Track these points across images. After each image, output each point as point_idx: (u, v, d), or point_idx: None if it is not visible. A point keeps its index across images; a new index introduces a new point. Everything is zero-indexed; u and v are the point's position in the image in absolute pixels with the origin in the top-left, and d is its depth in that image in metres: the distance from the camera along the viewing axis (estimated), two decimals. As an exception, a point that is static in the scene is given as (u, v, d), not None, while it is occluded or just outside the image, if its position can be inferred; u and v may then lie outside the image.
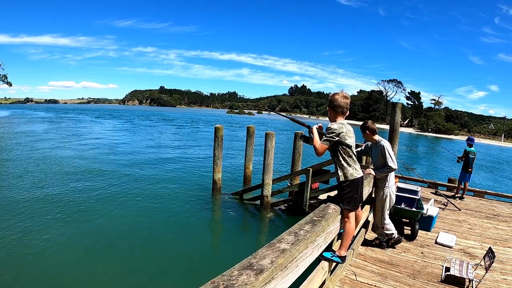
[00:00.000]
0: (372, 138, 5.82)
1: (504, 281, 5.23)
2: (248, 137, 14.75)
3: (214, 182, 14.02)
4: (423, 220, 7.26)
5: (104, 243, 9.40)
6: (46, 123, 58.49)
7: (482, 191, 11.82)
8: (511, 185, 24.64)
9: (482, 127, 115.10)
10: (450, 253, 6.25)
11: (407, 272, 5.25)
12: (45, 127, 49.30)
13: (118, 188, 14.91)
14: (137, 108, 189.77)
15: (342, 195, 3.96)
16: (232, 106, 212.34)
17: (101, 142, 32.25)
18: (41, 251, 8.67)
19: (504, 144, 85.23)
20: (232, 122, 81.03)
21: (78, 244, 9.25)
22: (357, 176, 3.99)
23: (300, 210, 11.39)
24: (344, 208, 3.94)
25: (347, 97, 3.92)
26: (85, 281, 7.48)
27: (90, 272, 7.83)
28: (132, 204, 12.71)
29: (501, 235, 7.65)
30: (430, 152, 45.33)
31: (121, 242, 9.53)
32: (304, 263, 2.90)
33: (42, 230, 9.90)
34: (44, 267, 7.98)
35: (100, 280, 7.54)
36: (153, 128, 56.46)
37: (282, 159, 24.78)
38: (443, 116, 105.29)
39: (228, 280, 1.98)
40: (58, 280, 7.48)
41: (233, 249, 9.69)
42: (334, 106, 3.89)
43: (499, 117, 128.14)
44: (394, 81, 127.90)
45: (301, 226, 3.16)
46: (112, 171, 18.54)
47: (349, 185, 3.93)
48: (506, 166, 38.16)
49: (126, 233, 10.15)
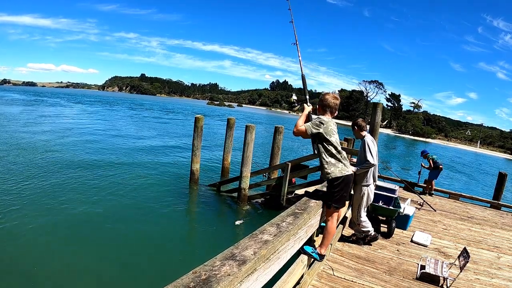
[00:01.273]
0: (359, 134, 5.88)
1: (477, 280, 5.29)
2: (228, 129, 14.61)
3: (191, 173, 13.86)
4: (400, 218, 7.30)
5: (79, 233, 9.10)
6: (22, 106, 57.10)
7: (457, 193, 12.01)
8: (485, 190, 25.23)
9: (459, 132, 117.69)
10: (425, 251, 6.30)
11: (383, 268, 5.25)
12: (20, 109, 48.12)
13: (92, 177, 14.47)
14: (116, 95, 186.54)
15: (332, 193, 3.89)
16: (213, 97, 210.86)
17: (76, 130, 31.58)
18: (15, 238, 8.43)
19: (480, 150, 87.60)
20: (212, 114, 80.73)
21: (52, 233, 8.97)
22: (347, 173, 3.94)
23: (277, 204, 11.36)
24: (332, 206, 3.89)
25: (337, 98, 3.97)
26: (60, 271, 7.27)
27: (65, 262, 7.59)
28: (107, 195, 12.34)
29: (475, 236, 7.78)
30: (406, 153, 46.06)
31: (97, 233, 9.26)
32: (286, 255, 2.86)
33: (15, 219, 9.55)
34: (18, 255, 7.72)
35: (77, 271, 7.33)
36: (131, 116, 55.72)
37: (261, 152, 24.74)
38: (421, 119, 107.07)
39: (211, 270, 1.93)
40: (33, 267, 7.24)
41: (210, 240, 9.58)
42: (323, 105, 3.92)
43: (476, 124, 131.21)
44: (376, 82, 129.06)
45: (283, 218, 3.10)
46: (86, 159, 18.02)
47: (340, 184, 3.87)
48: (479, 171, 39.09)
49: (101, 224, 9.86)
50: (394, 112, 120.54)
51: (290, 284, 3.40)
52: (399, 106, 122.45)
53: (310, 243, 4.01)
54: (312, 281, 4.45)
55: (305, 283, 4.14)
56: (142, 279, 7.30)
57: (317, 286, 4.41)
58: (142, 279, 7.27)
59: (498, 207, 11.23)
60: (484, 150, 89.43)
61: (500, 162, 62.82)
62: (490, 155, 78.75)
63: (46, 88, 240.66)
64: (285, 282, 3.26)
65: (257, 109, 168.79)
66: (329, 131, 3.77)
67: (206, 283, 1.78)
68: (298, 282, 3.83)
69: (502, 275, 5.69)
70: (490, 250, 6.97)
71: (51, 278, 6.99)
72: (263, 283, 2.40)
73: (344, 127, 33.85)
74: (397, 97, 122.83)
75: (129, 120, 46.99)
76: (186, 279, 1.81)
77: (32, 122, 32.06)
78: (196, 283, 1.76)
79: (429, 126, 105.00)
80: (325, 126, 3.73)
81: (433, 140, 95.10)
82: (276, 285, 3.12)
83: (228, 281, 1.86)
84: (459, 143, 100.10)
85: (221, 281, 1.82)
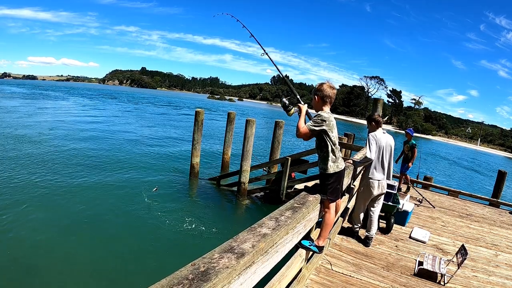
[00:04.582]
0: (375, 129, 5.96)
1: (474, 278, 5.31)
2: (229, 123, 14.61)
3: (192, 167, 13.88)
4: (399, 214, 7.31)
5: (78, 225, 9.15)
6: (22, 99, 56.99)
7: (456, 191, 12.02)
8: (485, 187, 25.24)
9: (460, 130, 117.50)
10: (424, 248, 6.31)
11: (381, 264, 5.26)
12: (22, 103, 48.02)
13: (91, 170, 14.55)
14: (116, 88, 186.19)
15: (325, 186, 3.90)
16: (214, 91, 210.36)
17: (75, 122, 31.65)
18: (14, 231, 8.46)
19: (480, 148, 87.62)
20: (213, 107, 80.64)
21: (52, 225, 9.04)
22: (342, 168, 3.96)
23: (276, 198, 11.39)
24: (327, 199, 3.90)
25: (334, 88, 3.92)
26: (61, 261, 7.35)
27: (64, 254, 7.65)
28: (106, 188, 12.41)
29: (473, 234, 7.79)
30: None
31: (96, 226, 9.30)
32: (284, 248, 2.86)
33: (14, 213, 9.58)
34: (16, 248, 7.78)
35: (76, 263, 7.38)
36: (131, 110, 55.68)
37: (261, 147, 24.74)
38: (422, 116, 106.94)
39: (209, 262, 1.94)
40: (30, 260, 7.30)
41: (209, 234, 9.61)
42: (323, 96, 3.83)
43: (476, 122, 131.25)
44: (377, 78, 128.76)
45: (282, 212, 3.10)
46: (86, 153, 18.11)
47: (333, 176, 3.89)
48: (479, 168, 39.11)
49: (100, 217, 9.91)
50: (395, 108, 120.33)
51: (288, 278, 3.41)
52: (400, 102, 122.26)
53: (307, 237, 4.02)
54: (310, 275, 4.46)
55: (303, 277, 4.15)
56: (142, 271, 7.34)
57: (315, 280, 4.42)
58: (142, 272, 7.30)
59: (497, 205, 11.24)
60: (484, 148, 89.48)
61: (500, 160, 62.81)
62: (490, 153, 78.81)
63: (46, 81, 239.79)
64: (283, 275, 3.26)
65: (257, 103, 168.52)
66: (330, 127, 3.76)
67: (205, 275, 1.78)
68: (296, 276, 3.84)
69: (499, 272, 5.70)
70: (488, 247, 6.98)
71: (52, 271, 7.03)
72: (261, 276, 2.41)
73: (344, 122, 33.78)
74: (398, 93, 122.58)
75: (128, 113, 46.96)
76: (185, 271, 1.81)
77: (32, 114, 32.10)
78: (195, 275, 1.77)
79: (430, 123, 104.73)
80: (327, 122, 3.72)
81: (433, 137, 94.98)
82: (274, 278, 3.12)
83: (227, 273, 1.87)
84: (460, 140, 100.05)
85: (220, 273, 1.83)
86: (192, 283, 1.70)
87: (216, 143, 24.65)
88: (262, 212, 11.24)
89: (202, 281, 1.73)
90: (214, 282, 1.76)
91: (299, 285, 4.00)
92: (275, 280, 3.11)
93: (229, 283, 1.91)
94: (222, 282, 1.84)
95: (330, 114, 3.81)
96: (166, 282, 1.68)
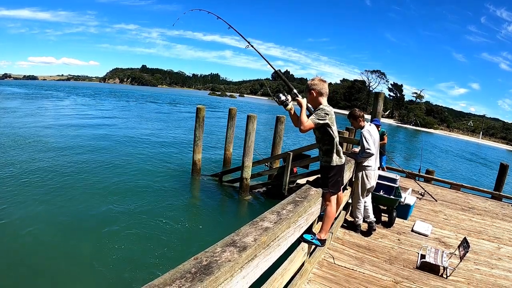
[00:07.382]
0: (358, 124, 5.97)
1: (477, 270, 5.32)
2: (230, 119, 14.62)
3: (194, 163, 13.88)
4: (401, 208, 7.31)
5: (82, 222, 9.18)
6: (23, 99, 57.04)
7: (458, 184, 11.99)
8: (488, 180, 25.21)
9: (461, 123, 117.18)
10: (426, 241, 6.33)
11: (383, 257, 5.28)
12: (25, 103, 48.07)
13: (95, 167, 14.58)
14: (117, 86, 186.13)
15: (327, 178, 3.92)
16: (214, 88, 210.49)
17: (78, 121, 31.69)
18: (16, 228, 8.50)
19: (482, 141, 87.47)
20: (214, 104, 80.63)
21: (54, 221, 9.07)
22: (343, 161, 4.00)
23: (278, 193, 11.39)
24: (328, 191, 3.92)
25: (325, 81, 3.92)
26: (63, 257, 7.39)
27: (68, 251, 7.67)
28: (108, 184, 12.41)
29: (476, 227, 7.79)
30: (408, 144, 46.00)
31: (99, 221, 9.32)
32: (286, 242, 2.88)
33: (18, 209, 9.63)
34: (19, 244, 7.83)
35: (78, 258, 7.41)
36: (133, 107, 55.72)
37: (263, 142, 24.74)
38: (423, 109, 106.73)
39: (212, 256, 1.96)
40: (33, 256, 7.34)
41: (212, 230, 9.63)
42: (320, 89, 3.81)
43: (478, 115, 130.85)
44: (378, 72, 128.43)
45: (284, 206, 3.12)
46: (90, 150, 18.17)
47: (334, 169, 3.91)
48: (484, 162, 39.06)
49: (104, 213, 9.92)
50: (396, 102, 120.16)
51: (290, 271, 3.43)
52: (402, 96, 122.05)
53: (309, 231, 4.03)
54: (312, 269, 4.48)
55: (306, 271, 4.17)
56: (145, 266, 7.36)
57: (318, 274, 4.44)
58: (145, 266, 7.33)
59: (499, 198, 11.22)
60: (486, 141, 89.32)
61: (502, 154, 62.71)
62: (492, 146, 78.70)
63: (47, 81, 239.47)
64: (285, 269, 3.28)
65: (258, 99, 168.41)
66: (333, 121, 3.77)
67: (207, 269, 1.80)
68: (299, 270, 3.86)
69: (502, 265, 5.71)
70: (491, 240, 6.99)
71: (53, 268, 7.06)
72: (264, 270, 2.43)
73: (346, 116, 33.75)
74: (400, 87, 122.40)
75: (129, 111, 46.99)
76: (188, 265, 1.83)
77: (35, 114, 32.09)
78: (198, 269, 1.79)
79: (431, 117, 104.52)
80: (330, 116, 3.72)
81: (435, 130, 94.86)
82: (277, 272, 3.14)
83: (229, 266, 1.89)
84: (461, 134, 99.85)
85: (222, 267, 1.84)
86: (194, 276, 1.72)
87: (217, 140, 24.66)
88: (264, 207, 11.25)
89: (204, 274, 1.75)
90: (216, 275, 1.78)
91: (302, 279, 4.02)
92: (278, 274, 3.13)
93: (231, 277, 1.93)
94: (224, 275, 1.85)
95: (331, 108, 3.82)
96: (169, 276, 1.70)
